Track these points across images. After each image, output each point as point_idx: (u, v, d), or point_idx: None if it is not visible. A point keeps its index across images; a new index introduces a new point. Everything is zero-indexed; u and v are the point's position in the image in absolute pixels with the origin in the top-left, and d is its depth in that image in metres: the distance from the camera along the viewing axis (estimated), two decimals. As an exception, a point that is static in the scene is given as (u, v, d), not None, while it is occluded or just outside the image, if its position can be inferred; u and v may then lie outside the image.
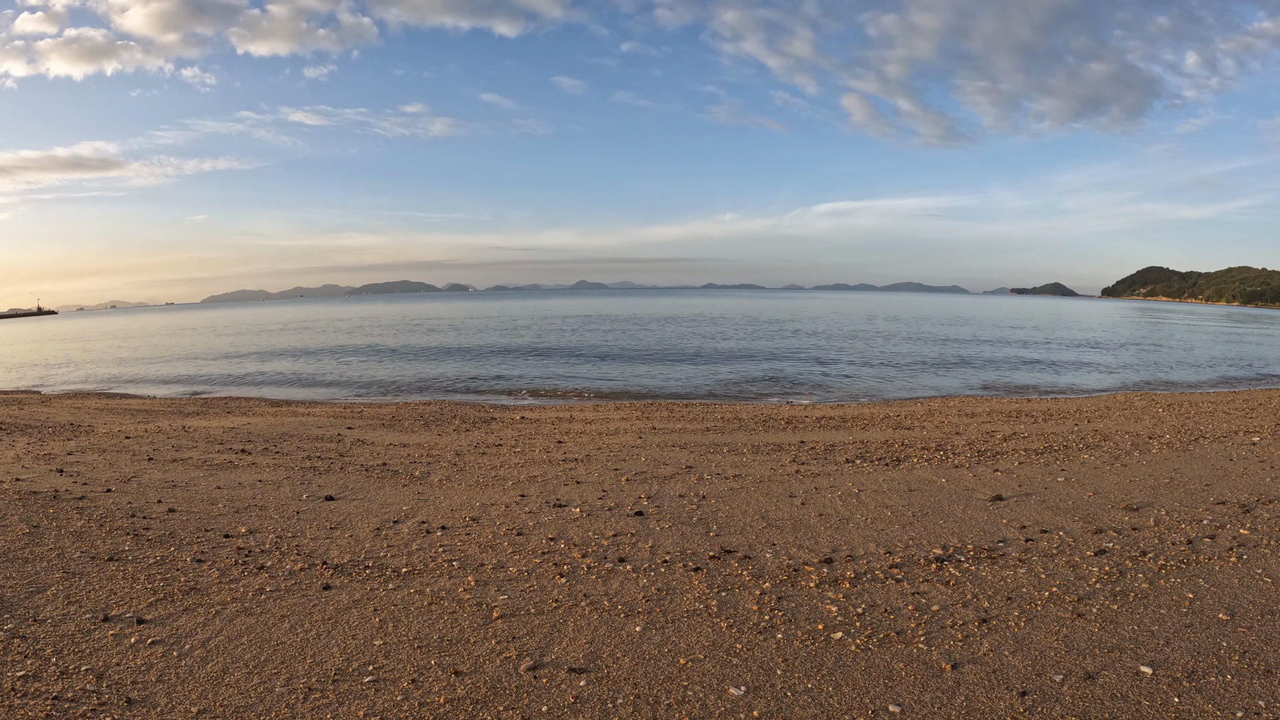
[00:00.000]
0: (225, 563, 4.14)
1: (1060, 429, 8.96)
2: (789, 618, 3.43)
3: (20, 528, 4.63)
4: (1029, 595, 3.66)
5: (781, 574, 3.98)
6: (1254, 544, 4.38)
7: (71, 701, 2.68)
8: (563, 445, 8.05)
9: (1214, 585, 3.76)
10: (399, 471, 6.70)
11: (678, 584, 3.86)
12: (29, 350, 32.14)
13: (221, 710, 2.65)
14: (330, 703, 2.71)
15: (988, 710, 2.65)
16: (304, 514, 5.22)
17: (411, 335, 35.19)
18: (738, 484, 6.07)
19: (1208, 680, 2.83)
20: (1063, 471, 6.43)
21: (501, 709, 2.68)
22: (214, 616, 3.44)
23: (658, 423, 9.82)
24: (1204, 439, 7.99)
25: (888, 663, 3.00)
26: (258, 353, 26.63)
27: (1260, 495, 5.53)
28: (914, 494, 5.68)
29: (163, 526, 4.81)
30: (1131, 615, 3.41)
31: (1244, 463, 6.73)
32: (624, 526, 4.87)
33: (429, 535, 4.71)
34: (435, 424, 9.94)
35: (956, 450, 7.48)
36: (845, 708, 2.68)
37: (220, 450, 7.69)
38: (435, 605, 3.59)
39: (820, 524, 4.92)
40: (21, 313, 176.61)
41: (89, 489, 5.78)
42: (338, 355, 24.78)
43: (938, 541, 4.52)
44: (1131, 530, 4.70)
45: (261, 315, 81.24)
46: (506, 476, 6.46)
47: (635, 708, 2.69)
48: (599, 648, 3.15)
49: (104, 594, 3.66)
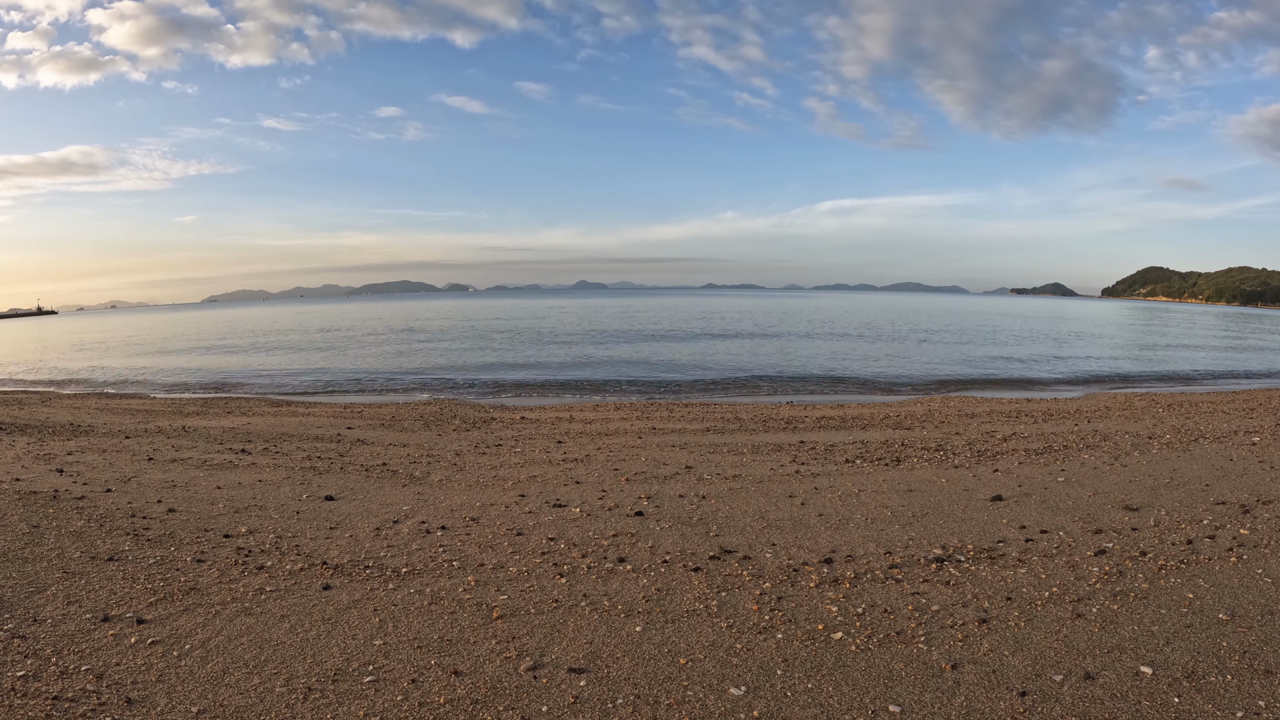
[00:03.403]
0: (225, 563, 4.14)
1: (1060, 429, 8.96)
2: (789, 618, 3.43)
3: (20, 528, 4.62)
4: (1029, 595, 3.66)
5: (781, 574, 3.98)
6: (1254, 544, 4.38)
7: (71, 701, 2.68)
8: (562, 445, 8.05)
9: (1214, 585, 3.76)
10: (399, 471, 6.70)
11: (677, 584, 3.86)
12: (29, 350, 32.12)
13: (221, 710, 2.65)
14: (330, 703, 2.71)
15: (988, 710, 2.65)
16: (304, 514, 5.22)
17: (412, 335, 35.19)
18: (737, 484, 6.07)
19: (1208, 680, 2.82)
20: (1062, 471, 6.43)
21: (501, 709, 2.68)
22: (214, 616, 3.44)
23: (657, 423, 9.82)
24: (1204, 439, 7.99)
25: (888, 663, 3.00)
26: (258, 352, 26.63)
27: (1260, 495, 5.53)
28: (914, 494, 5.68)
29: (162, 526, 4.81)
30: (1131, 615, 3.41)
31: (1244, 463, 6.73)
32: (624, 526, 4.87)
33: (429, 535, 4.71)
34: (435, 424, 9.94)
35: (956, 450, 7.48)
36: (845, 708, 2.68)
37: (220, 450, 7.69)
38: (435, 605, 3.59)
39: (820, 524, 4.92)
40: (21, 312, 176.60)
41: (89, 489, 5.78)
42: (338, 355, 24.78)
43: (937, 541, 4.52)
44: (1131, 530, 4.70)
45: (262, 315, 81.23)
46: (506, 476, 6.45)
47: (635, 708, 2.69)
48: (599, 648, 3.15)
49: (104, 594, 3.66)
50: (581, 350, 25.00)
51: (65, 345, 34.74)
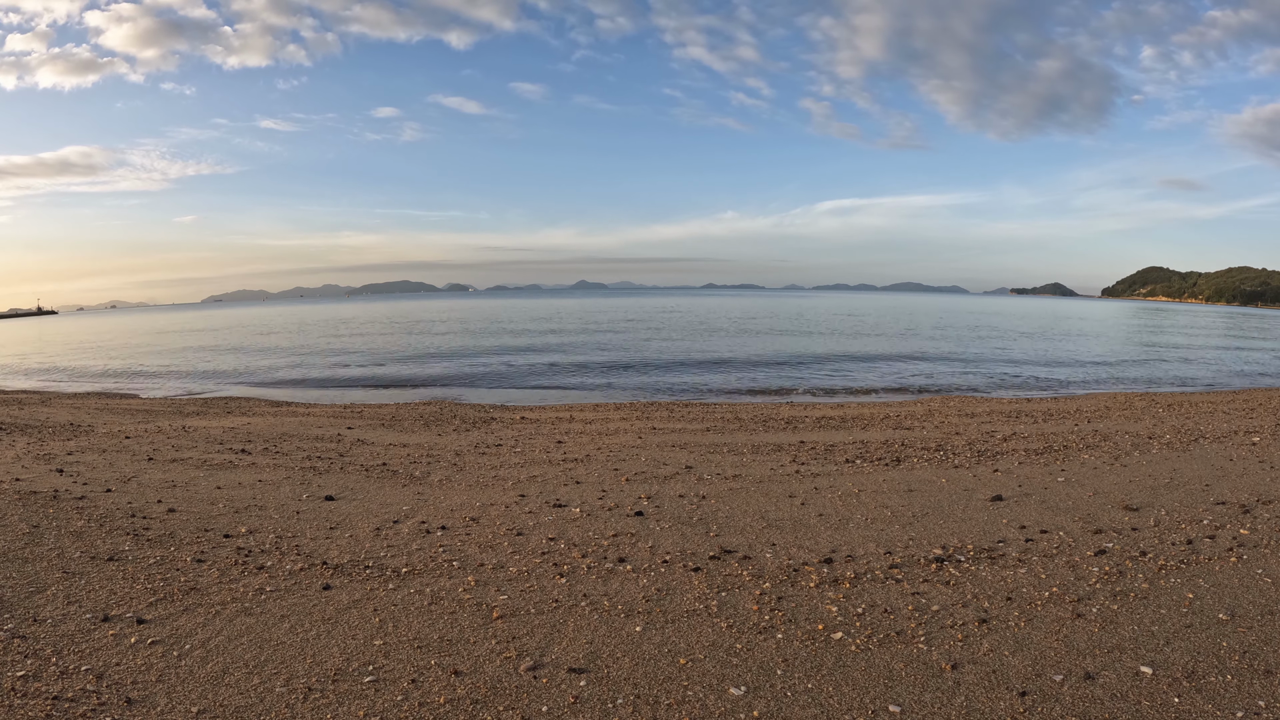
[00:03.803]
0: (225, 563, 4.14)
1: (1060, 429, 8.96)
2: (789, 618, 3.43)
3: (20, 528, 4.63)
4: (1029, 595, 3.66)
5: (781, 574, 3.98)
6: (1254, 544, 4.38)
7: (71, 701, 2.68)
8: (562, 445, 8.05)
9: (1214, 585, 3.76)
10: (399, 471, 6.70)
11: (678, 584, 3.86)
12: (29, 350, 32.13)
13: (221, 710, 2.65)
14: (330, 703, 2.71)
15: (988, 710, 2.65)
16: (304, 514, 5.22)
17: (412, 335, 35.19)
18: (737, 484, 6.07)
19: (1208, 680, 2.82)
20: (1063, 471, 6.43)
21: (501, 709, 2.68)
22: (214, 616, 3.44)
23: (657, 423, 9.82)
24: (1204, 439, 7.99)
25: (888, 663, 3.00)
26: (258, 352, 26.64)
27: (1260, 495, 5.53)
28: (914, 494, 5.68)
29: (162, 526, 4.81)
30: (1131, 615, 3.41)
31: (1244, 463, 6.73)
32: (624, 526, 4.87)
33: (429, 535, 4.71)
34: (435, 424, 9.94)
35: (956, 450, 7.48)
36: (845, 708, 2.68)
37: (220, 450, 7.69)
38: (435, 605, 3.59)
39: (820, 524, 4.92)
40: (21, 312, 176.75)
41: (89, 489, 5.78)
42: (338, 355, 24.78)
43: (937, 541, 4.52)
44: (1131, 530, 4.70)
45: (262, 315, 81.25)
46: (506, 476, 6.45)
47: (635, 708, 2.69)
48: (599, 648, 3.15)
49: (104, 594, 3.66)
50: (582, 350, 25.01)
51: (65, 345, 34.75)
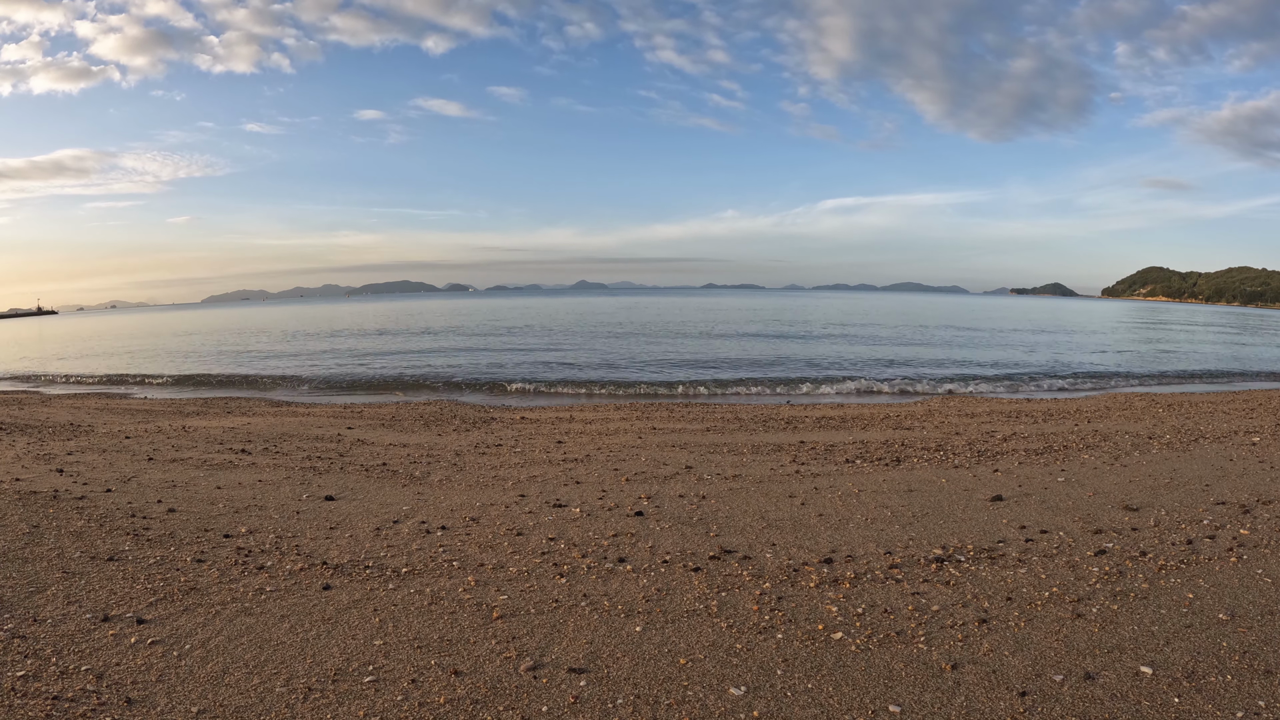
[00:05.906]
0: (225, 563, 4.14)
1: (1060, 429, 8.96)
2: (789, 618, 3.43)
3: (20, 528, 4.63)
4: (1029, 595, 3.66)
5: (781, 574, 3.98)
6: (1254, 544, 4.38)
7: (71, 701, 2.68)
8: (562, 445, 8.05)
9: (1214, 585, 3.76)
10: (399, 471, 6.70)
11: (678, 584, 3.86)
12: (29, 350, 32.13)
13: (221, 710, 2.65)
14: (330, 703, 2.71)
15: (987, 710, 2.65)
16: (304, 514, 5.22)
17: (412, 335, 35.18)
18: (737, 484, 6.07)
19: (1208, 680, 2.82)
20: (1062, 471, 6.43)
21: (501, 709, 2.68)
22: (214, 616, 3.44)
23: (657, 423, 9.82)
24: (1204, 439, 7.99)
25: (888, 663, 3.00)
26: (258, 352, 26.63)
27: (1260, 495, 5.53)
28: (914, 494, 5.68)
29: (162, 526, 4.81)
30: (1131, 615, 3.41)
31: (1244, 463, 6.73)
32: (624, 526, 4.87)
33: (429, 535, 4.71)
34: (435, 424, 9.94)
35: (956, 450, 7.48)
36: (845, 708, 2.68)
37: (220, 450, 7.69)
38: (435, 605, 3.59)
39: (820, 524, 4.92)
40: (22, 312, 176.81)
41: (89, 489, 5.78)
42: (338, 355, 24.78)
43: (937, 542, 4.52)
44: (1131, 530, 4.70)
45: (262, 315, 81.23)
46: (506, 476, 6.45)
47: (635, 708, 2.69)
48: (599, 648, 3.15)
49: (104, 594, 3.66)
50: (582, 350, 25.00)
51: (65, 345, 34.74)
